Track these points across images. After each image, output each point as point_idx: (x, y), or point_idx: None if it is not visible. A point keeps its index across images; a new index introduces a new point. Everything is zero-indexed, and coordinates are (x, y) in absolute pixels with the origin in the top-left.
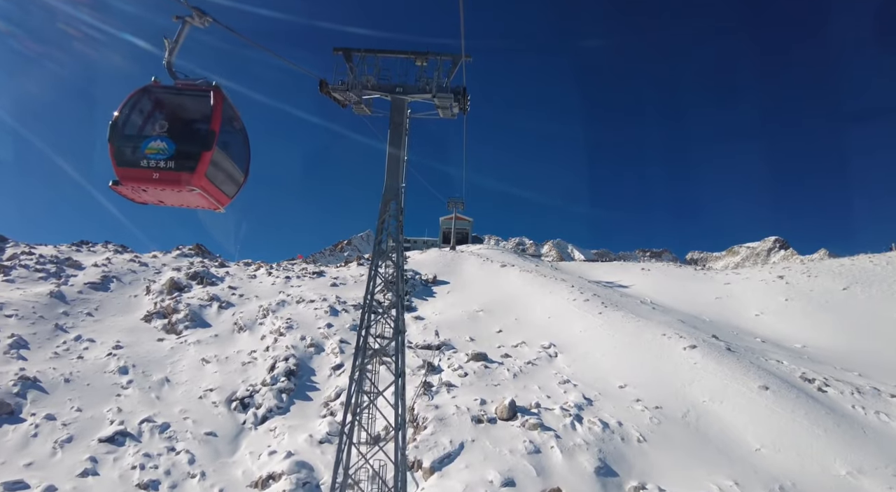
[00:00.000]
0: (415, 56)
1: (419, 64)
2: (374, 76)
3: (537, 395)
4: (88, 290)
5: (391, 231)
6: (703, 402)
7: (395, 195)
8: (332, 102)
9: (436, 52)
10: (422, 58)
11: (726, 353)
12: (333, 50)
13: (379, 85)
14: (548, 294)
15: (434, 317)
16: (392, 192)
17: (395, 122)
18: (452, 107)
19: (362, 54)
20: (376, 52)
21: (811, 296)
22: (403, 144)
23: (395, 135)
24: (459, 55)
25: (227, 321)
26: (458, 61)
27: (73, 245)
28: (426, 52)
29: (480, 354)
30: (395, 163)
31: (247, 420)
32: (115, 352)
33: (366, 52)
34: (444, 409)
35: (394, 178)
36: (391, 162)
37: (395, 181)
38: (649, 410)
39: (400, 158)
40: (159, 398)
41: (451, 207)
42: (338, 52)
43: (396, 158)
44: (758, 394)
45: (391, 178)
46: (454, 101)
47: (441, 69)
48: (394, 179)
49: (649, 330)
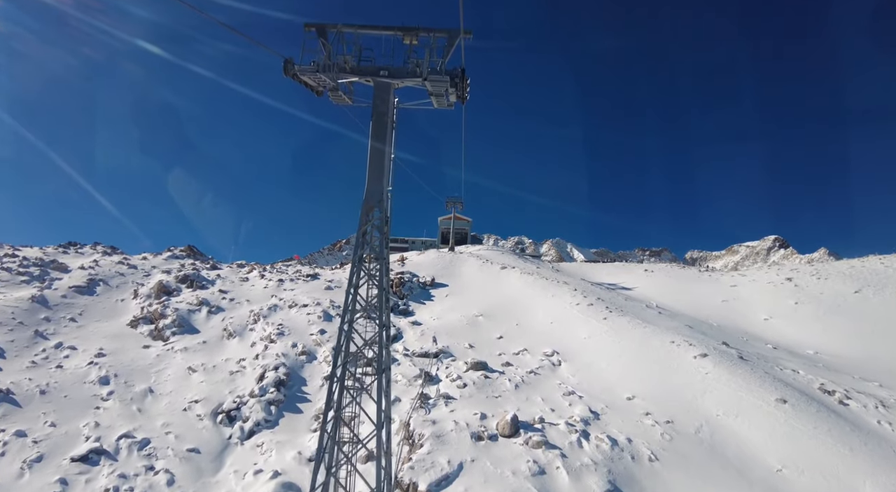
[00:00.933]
0: (403, 33)
1: (408, 42)
2: (353, 57)
3: (541, 408)
4: (73, 294)
5: (374, 246)
6: (716, 416)
7: (378, 201)
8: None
9: (428, 27)
10: (411, 35)
11: (739, 362)
12: (305, 26)
13: (359, 67)
14: (550, 298)
15: (432, 322)
16: (375, 197)
17: (379, 111)
18: (448, 94)
19: (339, 30)
20: (356, 28)
21: (821, 299)
22: (389, 138)
23: (379, 127)
24: (457, 31)
25: (216, 327)
26: (456, 39)
27: (60, 246)
28: (416, 28)
29: (480, 363)
30: (379, 161)
31: (233, 435)
32: (96, 360)
33: (343, 27)
34: (441, 424)
35: (377, 179)
36: (374, 160)
37: (378, 184)
38: (660, 424)
39: (385, 156)
40: (141, 411)
41: (449, 206)
42: (310, 29)
43: (381, 156)
44: (775, 407)
45: (374, 180)
46: (450, 86)
47: (434, 48)
48: (377, 181)
49: (657, 337)
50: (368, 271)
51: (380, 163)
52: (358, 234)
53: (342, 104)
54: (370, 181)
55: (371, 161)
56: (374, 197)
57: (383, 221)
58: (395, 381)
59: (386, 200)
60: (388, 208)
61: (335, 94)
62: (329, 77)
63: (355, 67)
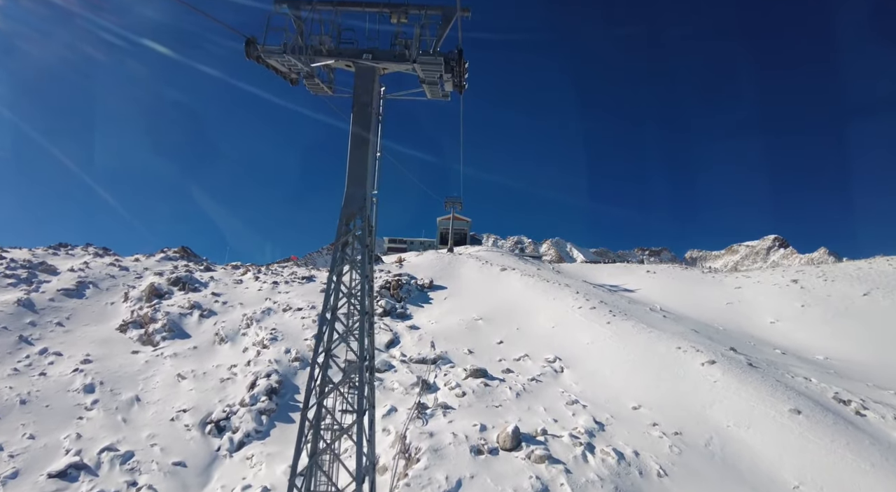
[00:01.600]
0: (390, 10)
1: (396, 21)
2: (331, 37)
3: (543, 418)
4: (61, 297)
5: (356, 263)
6: (726, 427)
7: (360, 208)
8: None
9: (419, 3)
10: (399, 12)
11: (748, 369)
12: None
13: (338, 49)
14: (551, 301)
15: (430, 326)
16: (356, 203)
17: (361, 102)
18: (443, 82)
19: (314, 6)
20: (335, 4)
21: (829, 302)
22: (374, 134)
23: (361, 121)
24: (453, 8)
25: (207, 332)
26: (452, 17)
27: (51, 248)
28: (405, 4)
29: (480, 370)
30: (361, 161)
31: (221, 446)
32: (82, 367)
33: (320, 4)
34: (439, 437)
35: (358, 182)
36: (355, 159)
37: (360, 187)
38: (668, 436)
39: (368, 154)
40: (126, 421)
41: (448, 206)
42: (281, 4)
43: (363, 154)
44: (789, 419)
45: (355, 182)
46: (445, 71)
47: (427, 26)
48: (358, 184)
49: (662, 342)
50: (350, 290)
51: (361, 163)
52: (335, 247)
53: (321, 94)
54: (350, 184)
55: (351, 160)
56: (354, 203)
57: (366, 232)
58: (391, 389)
59: (370, 206)
60: (372, 216)
61: (311, 82)
62: (302, 61)
63: (333, 49)
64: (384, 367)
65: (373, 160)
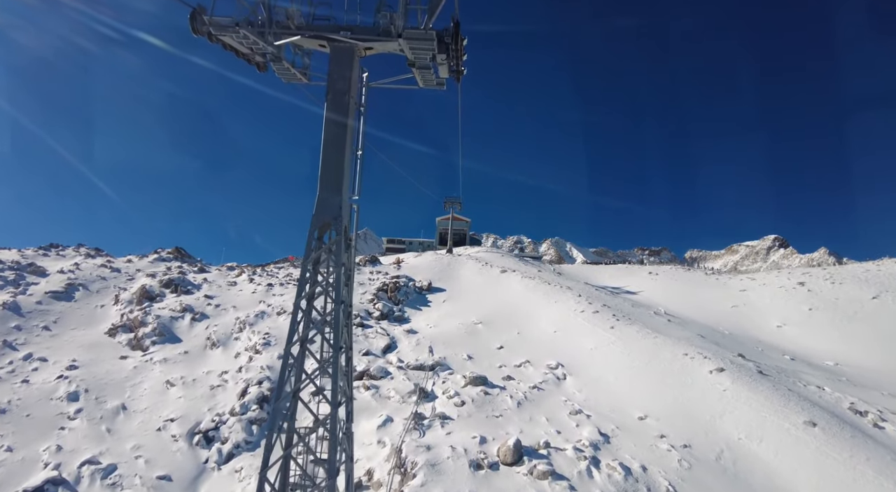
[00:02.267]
0: None
1: None
2: (300, 11)
3: (545, 430)
4: (49, 300)
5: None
6: (738, 439)
7: (335, 218)
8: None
9: None
10: None
11: (758, 377)
12: None
13: (309, 25)
14: (553, 304)
15: (428, 330)
16: (330, 211)
17: (337, 89)
18: (437, 66)
19: None
20: None
21: (837, 305)
22: (352, 129)
23: (338, 111)
24: None
25: (199, 336)
26: None
27: (41, 249)
28: None
29: (479, 378)
30: (337, 160)
31: (209, 458)
32: (67, 373)
33: None
34: (437, 450)
35: (333, 186)
36: (329, 158)
37: (335, 193)
38: (676, 450)
39: (345, 152)
40: (110, 431)
41: (447, 206)
42: None
43: (339, 152)
44: (804, 431)
45: (329, 186)
46: (438, 51)
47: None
48: (333, 188)
49: (668, 348)
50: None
51: (337, 163)
52: (304, 265)
53: (295, 82)
54: (323, 188)
55: (325, 160)
56: (328, 211)
57: (342, 247)
58: (387, 398)
59: (349, 215)
60: (351, 228)
61: (281, 66)
62: (264, 39)
63: (304, 25)
64: (380, 374)
65: (352, 159)
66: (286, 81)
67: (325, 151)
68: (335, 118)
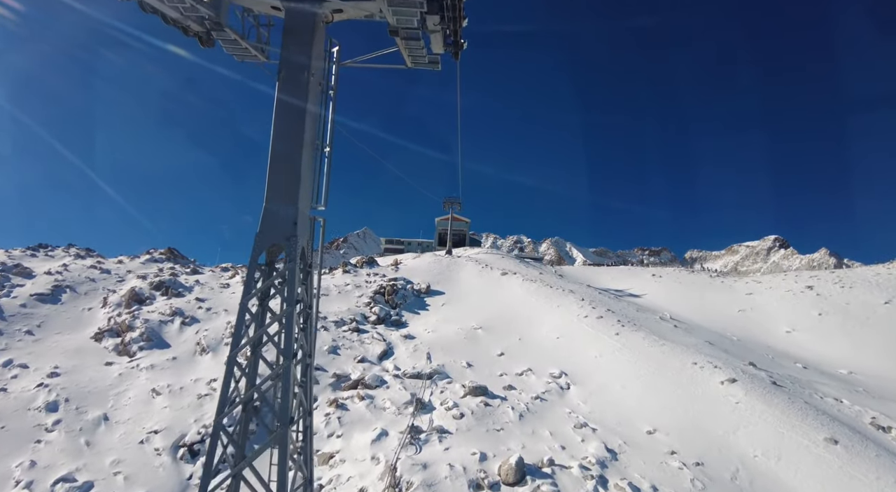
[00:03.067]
0: None
1: None
2: None
3: (549, 445)
4: (34, 302)
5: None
6: (753, 457)
7: (289, 238)
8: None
9: None
10: None
11: (773, 388)
12: None
13: None
14: (555, 308)
15: (426, 335)
16: (281, 229)
17: (293, 65)
18: (429, 36)
19: None
20: None
21: (848, 310)
22: (314, 117)
23: (292, 90)
24: None
25: (188, 341)
26: None
27: (29, 249)
28: None
29: (479, 388)
30: (290, 157)
31: (194, 474)
32: (48, 381)
33: None
34: (434, 469)
35: (284, 195)
36: (280, 155)
37: (287, 204)
38: (689, 467)
39: (302, 147)
40: (90, 445)
41: (447, 207)
42: None
43: (294, 147)
44: (825, 449)
45: (280, 195)
46: (429, 11)
47: None
48: (284, 197)
49: (676, 356)
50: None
51: (290, 162)
52: (243, 304)
53: (251, 60)
54: (272, 198)
55: (274, 159)
56: (278, 228)
57: (296, 279)
58: (382, 409)
59: (309, 233)
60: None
61: (224, 36)
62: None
63: None
64: (376, 382)
65: (316, 158)
66: (239, 59)
67: (276, 146)
68: (290, 102)
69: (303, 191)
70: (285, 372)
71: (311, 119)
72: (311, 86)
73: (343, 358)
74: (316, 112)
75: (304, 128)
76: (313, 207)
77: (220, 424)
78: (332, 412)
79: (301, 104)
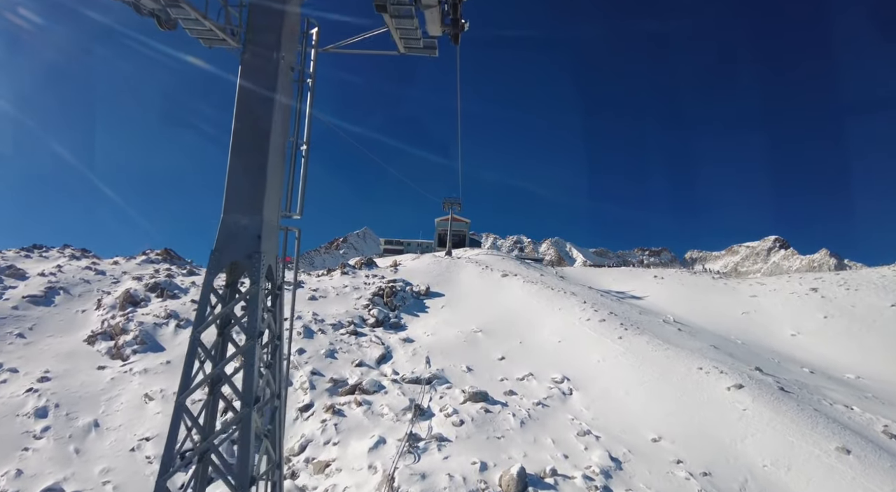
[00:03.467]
0: None
1: None
2: None
3: (552, 453)
4: (27, 305)
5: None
6: (763, 467)
7: (251, 254)
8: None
9: None
10: None
11: (781, 395)
12: None
13: None
14: (556, 311)
15: (425, 338)
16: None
17: (260, 43)
18: (423, 14)
19: None
20: None
21: (854, 313)
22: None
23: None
24: None
25: (183, 344)
26: None
27: (23, 250)
28: None
29: (480, 393)
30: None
31: (185, 484)
32: (38, 386)
33: None
34: (433, 479)
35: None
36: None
37: (250, 213)
38: (696, 478)
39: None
40: (79, 453)
41: (447, 207)
42: None
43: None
44: (837, 459)
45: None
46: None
47: None
48: (246, 206)
49: (681, 361)
50: None
51: (255, 163)
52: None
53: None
54: (231, 208)
55: (234, 160)
56: (238, 244)
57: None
58: (380, 415)
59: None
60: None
61: (183, 14)
62: None
63: None
64: (374, 387)
65: (283, 159)
66: (207, 44)
67: (237, 143)
68: (255, 90)
69: (270, 197)
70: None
71: (281, 111)
72: (282, 71)
73: (340, 362)
74: (287, 103)
75: (271, 122)
76: (285, 215)
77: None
78: (329, 419)
79: (268, 93)
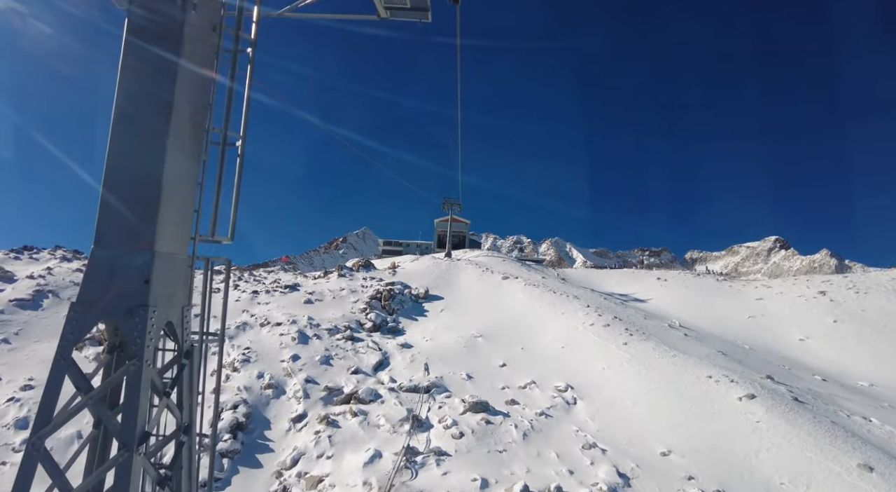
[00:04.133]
0: None
1: None
2: None
3: (556, 468)
4: (13, 308)
5: None
6: (780, 484)
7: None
8: None
9: None
10: None
11: (795, 405)
12: None
13: None
14: (559, 315)
15: (424, 344)
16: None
17: None
18: None
19: None
20: None
21: (864, 317)
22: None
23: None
24: None
25: None
26: None
27: (12, 251)
28: None
29: (480, 403)
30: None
31: None
32: (20, 395)
33: None
34: None
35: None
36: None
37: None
38: None
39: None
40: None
41: (446, 208)
42: None
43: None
44: (859, 477)
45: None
46: None
47: None
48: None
49: (689, 369)
50: None
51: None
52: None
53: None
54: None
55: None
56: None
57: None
58: (376, 426)
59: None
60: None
61: None
62: None
63: None
64: (370, 396)
65: (195, 158)
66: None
67: (117, 133)
68: (148, 50)
69: (172, 216)
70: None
71: (190, 86)
72: (190, 25)
73: (336, 369)
74: (199, 75)
75: (171, 101)
76: (206, 239)
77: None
78: (323, 430)
79: (170, 57)
